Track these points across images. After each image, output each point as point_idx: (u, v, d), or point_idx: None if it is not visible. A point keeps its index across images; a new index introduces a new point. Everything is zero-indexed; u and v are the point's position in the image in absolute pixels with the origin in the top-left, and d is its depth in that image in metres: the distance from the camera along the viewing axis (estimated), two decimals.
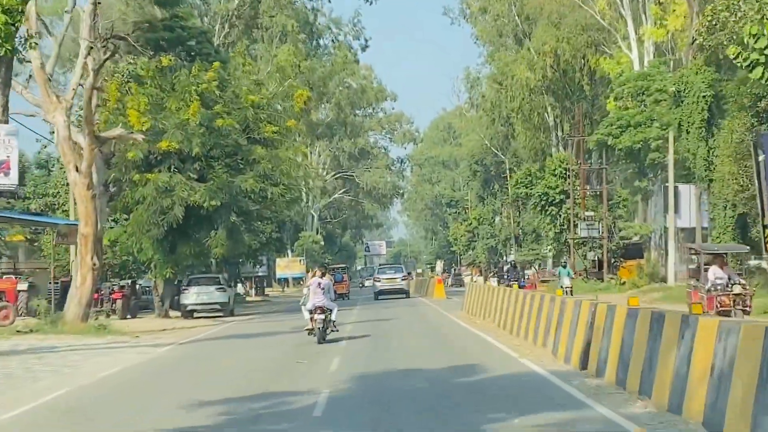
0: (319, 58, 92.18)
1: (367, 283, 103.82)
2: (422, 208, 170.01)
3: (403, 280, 57.95)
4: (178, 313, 40.85)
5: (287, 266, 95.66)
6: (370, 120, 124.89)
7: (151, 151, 37.17)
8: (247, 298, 67.01)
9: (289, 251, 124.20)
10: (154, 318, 39.10)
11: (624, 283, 52.85)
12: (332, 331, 25.01)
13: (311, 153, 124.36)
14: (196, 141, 37.06)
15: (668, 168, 44.00)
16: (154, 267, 39.41)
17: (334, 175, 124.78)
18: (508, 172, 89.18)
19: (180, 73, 39.37)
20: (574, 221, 58.63)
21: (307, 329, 24.78)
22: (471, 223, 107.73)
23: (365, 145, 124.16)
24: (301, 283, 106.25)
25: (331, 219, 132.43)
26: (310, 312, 24.45)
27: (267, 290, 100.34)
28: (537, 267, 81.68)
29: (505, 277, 42.42)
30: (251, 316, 41.81)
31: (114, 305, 39.03)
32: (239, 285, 77.12)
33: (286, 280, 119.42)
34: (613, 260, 58.61)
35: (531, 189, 62.93)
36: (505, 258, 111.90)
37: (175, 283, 42.02)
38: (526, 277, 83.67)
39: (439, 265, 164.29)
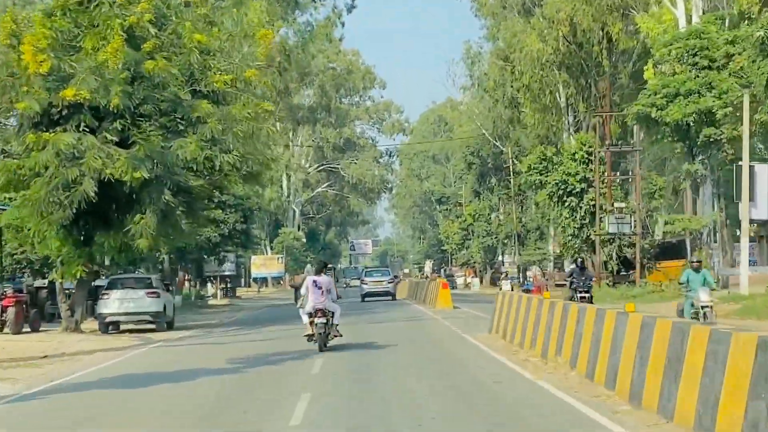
0: (299, 26, 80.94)
1: (353, 284, 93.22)
2: (410, 205, 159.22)
3: (389, 283, 56.24)
4: (98, 325, 29.91)
5: (264, 264, 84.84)
6: (356, 108, 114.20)
7: (52, 103, 26.28)
8: (211, 301, 56.11)
9: (268, 248, 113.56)
10: (59, 332, 28.10)
11: (663, 288, 42.26)
12: (335, 336, 21.69)
13: (292, 143, 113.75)
14: (116, 90, 26.11)
15: (742, 142, 33.31)
16: (60, 263, 28.45)
17: (318, 167, 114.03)
18: (510, 162, 78.43)
19: (102, 2, 28.40)
20: (600, 214, 48.14)
21: (306, 335, 21.47)
22: (465, 220, 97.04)
23: (351, 135, 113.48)
24: (281, 283, 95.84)
25: (314, 214, 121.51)
26: (310, 315, 21.17)
27: (241, 291, 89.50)
28: (540, 267, 70.93)
29: (573, 284, 30.26)
30: (194, 332, 30.70)
31: (4, 315, 28.01)
32: (209, 285, 66.45)
33: (264, 279, 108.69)
34: (645, 261, 48.13)
35: (546, 176, 52.18)
36: (501, 258, 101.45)
37: (94, 284, 31.20)
38: (528, 279, 73.50)
39: (428, 265, 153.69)
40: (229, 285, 70.96)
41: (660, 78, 42.11)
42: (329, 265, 47.35)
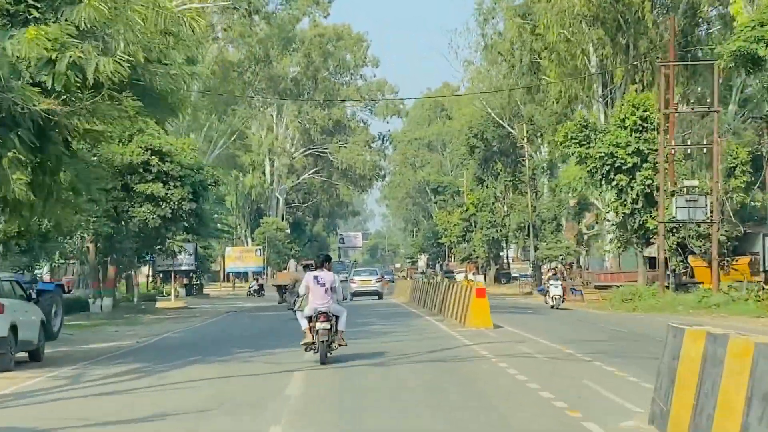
0: None
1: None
2: (403, 196, 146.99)
3: (377, 282, 55.50)
4: None
5: (239, 257, 72.60)
6: (347, 87, 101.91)
7: None
8: (161, 304, 43.76)
9: (249, 240, 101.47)
10: None
11: (761, 297, 30.27)
12: (339, 345, 16.73)
13: (276, 125, 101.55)
14: None
15: None
16: None
17: (304, 151, 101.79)
18: (525, 140, 66.43)
19: None
20: (660, 195, 36.11)
21: (304, 343, 16.66)
22: (467, 210, 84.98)
23: (341, 117, 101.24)
24: (257, 279, 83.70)
25: (299, 203, 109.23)
26: (309, 319, 16.42)
27: (213, 288, 77.36)
28: (563, 263, 58.84)
29: None
30: (66, 370, 17.68)
31: None
32: (171, 284, 54.50)
33: (244, 274, 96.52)
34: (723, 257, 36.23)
35: (588, 147, 39.95)
36: (506, 252, 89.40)
37: None
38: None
39: (423, 260, 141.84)
40: (195, 282, 58.96)
41: (760, 12, 30.06)
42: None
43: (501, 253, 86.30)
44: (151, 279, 57.99)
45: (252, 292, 60.81)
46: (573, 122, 41.66)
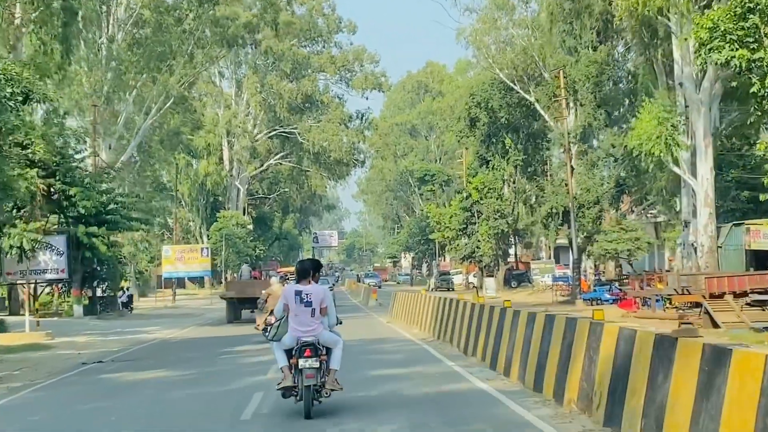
0: None
1: None
2: (383, 189, 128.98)
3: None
4: None
5: (180, 259, 54.12)
6: (318, 56, 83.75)
7: None
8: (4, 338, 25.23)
9: (204, 237, 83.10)
10: None
11: None
12: (332, 390, 11.00)
13: (235, 101, 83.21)
14: None
15: None
16: None
17: (269, 132, 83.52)
18: (562, 100, 48.67)
19: None
20: None
21: (280, 387, 10.97)
22: (468, 197, 67.06)
23: (313, 90, 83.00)
24: (175, 286, 66.26)
25: (265, 194, 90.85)
26: (290, 354, 10.90)
27: (145, 302, 59.01)
28: (630, 263, 41.19)
29: None
30: None
31: None
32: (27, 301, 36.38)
33: (200, 280, 78.27)
34: None
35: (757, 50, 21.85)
36: (514, 249, 71.45)
37: None
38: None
39: (408, 260, 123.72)
40: (108, 293, 40.60)
41: None
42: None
43: (510, 250, 68.31)
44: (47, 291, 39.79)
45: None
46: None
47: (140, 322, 35.58)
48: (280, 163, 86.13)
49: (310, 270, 10.90)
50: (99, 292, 39.97)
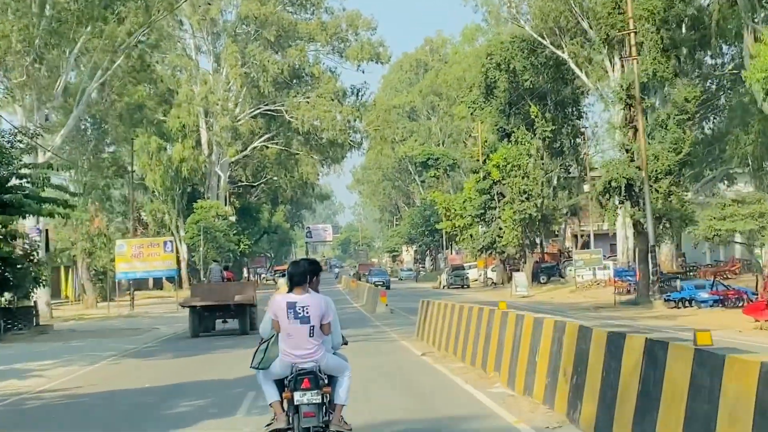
0: None
1: None
2: (379, 179, 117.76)
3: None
4: None
5: (137, 256, 42.44)
6: (307, 24, 72.21)
7: None
8: None
9: (181, 231, 71.62)
10: None
11: None
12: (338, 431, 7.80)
13: (213, 78, 71.69)
14: None
15: None
16: None
17: (253, 111, 72.04)
18: (629, 46, 37.19)
19: None
20: None
21: (270, 430, 7.88)
22: (485, 177, 55.68)
23: (301, 63, 71.53)
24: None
25: (249, 182, 79.33)
26: (282, 385, 7.88)
27: (95, 310, 47.65)
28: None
29: None
30: None
31: None
32: None
33: (154, 282, 66.99)
34: None
35: None
36: (540, 239, 59.89)
37: None
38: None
39: (409, 254, 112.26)
40: (11, 303, 28.98)
41: None
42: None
43: (537, 240, 56.90)
44: None
45: None
46: None
47: (44, 347, 24.11)
48: (266, 146, 74.61)
49: (307, 274, 7.70)
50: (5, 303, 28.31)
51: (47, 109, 41.40)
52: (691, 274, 42.80)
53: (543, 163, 53.66)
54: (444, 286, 62.01)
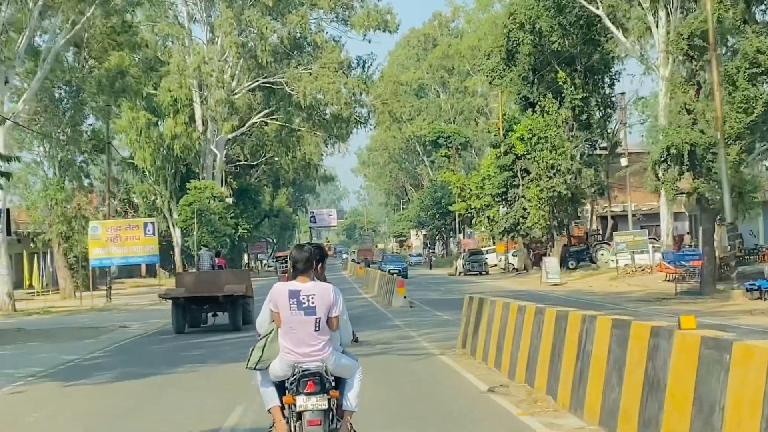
0: None
1: None
2: (386, 161, 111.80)
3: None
4: None
5: (113, 239, 36.38)
6: None
7: None
8: None
9: (174, 213, 65.77)
10: None
11: None
12: None
13: (207, 48, 65.64)
14: None
15: None
16: None
17: (251, 84, 65.95)
18: None
19: None
20: None
21: None
22: (507, 152, 49.61)
23: (303, 30, 65.36)
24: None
25: (247, 161, 73.33)
26: (282, 388, 6.64)
27: (52, 297, 41.87)
28: None
29: None
30: None
31: None
32: None
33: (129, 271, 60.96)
34: None
35: None
36: (569, 215, 53.75)
37: None
38: None
39: (418, 238, 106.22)
40: None
41: None
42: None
43: (565, 221, 50.76)
44: None
45: None
46: None
47: None
48: (265, 123, 68.52)
49: (312, 260, 6.64)
50: None
51: (5, 68, 35.40)
52: (749, 257, 36.76)
53: (572, 135, 47.57)
54: (460, 273, 56.02)
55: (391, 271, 41.21)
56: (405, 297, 26.55)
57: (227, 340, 19.61)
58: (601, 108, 51.26)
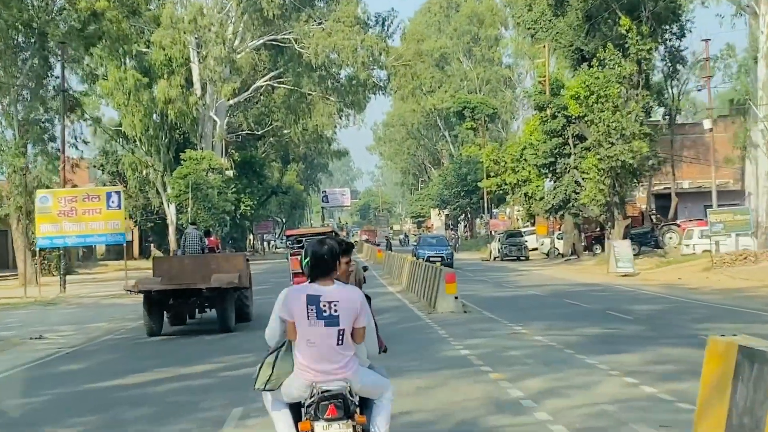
0: None
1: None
2: (403, 137, 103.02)
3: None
4: None
5: (69, 213, 27.91)
6: None
7: None
8: None
9: (167, 187, 57.38)
10: None
11: None
12: None
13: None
14: None
15: None
16: None
17: (256, 42, 57.28)
18: None
19: None
20: None
21: None
22: (556, 114, 40.75)
23: None
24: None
25: (252, 130, 64.56)
26: (298, 410, 5.32)
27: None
28: None
29: None
30: None
31: None
32: None
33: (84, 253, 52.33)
34: None
35: None
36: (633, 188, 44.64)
37: None
38: None
39: (439, 219, 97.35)
40: None
41: None
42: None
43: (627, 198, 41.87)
44: None
45: None
46: None
47: None
48: (272, 87, 59.81)
49: (336, 258, 5.33)
50: None
51: None
52: None
53: (637, 94, 38.74)
54: (495, 258, 47.41)
55: (431, 259, 31.84)
56: (456, 297, 17.91)
57: (211, 375, 11.18)
58: (669, 64, 42.48)
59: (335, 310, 5.16)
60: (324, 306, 5.16)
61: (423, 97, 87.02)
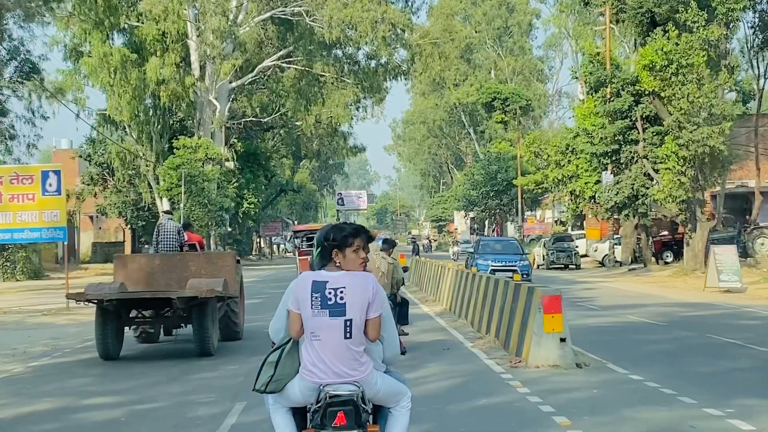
0: None
1: None
2: (424, 135, 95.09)
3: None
4: None
5: (28, 200, 20.22)
6: None
7: None
8: None
9: (159, 180, 49.69)
10: None
11: None
12: None
13: None
14: None
15: None
16: None
17: (263, 17, 49.62)
18: None
19: None
20: None
21: None
22: (620, 91, 32.76)
23: None
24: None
25: (257, 116, 56.54)
26: (303, 418, 4.80)
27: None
28: None
29: None
30: None
31: None
32: None
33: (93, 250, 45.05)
34: None
35: None
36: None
37: None
38: None
39: (463, 222, 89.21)
40: None
41: None
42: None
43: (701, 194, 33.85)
44: None
45: None
46: None
47: None
48: (280, 68, 52.01)
49: (348, 237, 4.76)
50: None
51: None
52: None
53: (727, 65, 30.78)
54: (539, 266, 39.43)
55: (496, 270, 22.09)
56: (563, 340, 9.78)
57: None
58: (757, 33, 34.48)
59: (341, 298, 4.55)
60: (329, 293, 4.56)
61: (447, 90, 79.57)
